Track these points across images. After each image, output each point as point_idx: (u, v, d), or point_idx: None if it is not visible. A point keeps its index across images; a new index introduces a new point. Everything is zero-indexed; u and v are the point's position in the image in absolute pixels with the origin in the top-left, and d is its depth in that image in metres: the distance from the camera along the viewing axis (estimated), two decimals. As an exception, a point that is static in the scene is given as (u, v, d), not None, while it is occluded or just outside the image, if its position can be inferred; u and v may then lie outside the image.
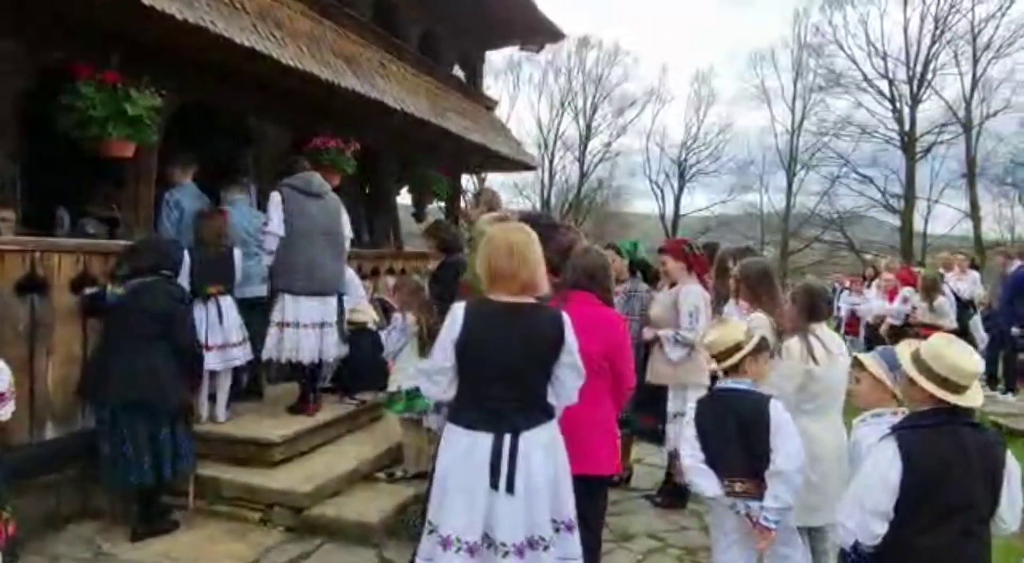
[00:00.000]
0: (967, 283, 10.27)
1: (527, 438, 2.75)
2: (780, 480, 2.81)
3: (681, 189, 37.49)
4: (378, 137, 6.85)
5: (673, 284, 5.09)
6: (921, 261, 21.71)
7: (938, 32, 28.91)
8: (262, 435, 4.66)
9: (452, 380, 2.81)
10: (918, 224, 30.20)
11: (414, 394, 4.73)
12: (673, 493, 5.06)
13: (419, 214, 8.55)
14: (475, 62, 9.23)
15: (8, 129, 4.14)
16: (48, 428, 4.25)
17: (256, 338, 5.40)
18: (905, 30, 29.38)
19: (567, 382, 2.85)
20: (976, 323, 10.06)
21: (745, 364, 2.96)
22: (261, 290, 5.51)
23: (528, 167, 9.49)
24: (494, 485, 2.70)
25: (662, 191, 37.89)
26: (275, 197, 5.26)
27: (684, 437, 3.06)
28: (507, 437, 2.72)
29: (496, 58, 29.08)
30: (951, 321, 8.93)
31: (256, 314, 5.52)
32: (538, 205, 35.02)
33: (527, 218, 4.62)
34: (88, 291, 4.39)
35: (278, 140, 6.13)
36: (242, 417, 5.06)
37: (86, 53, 4.31)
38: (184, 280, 4.42)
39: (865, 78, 30.83)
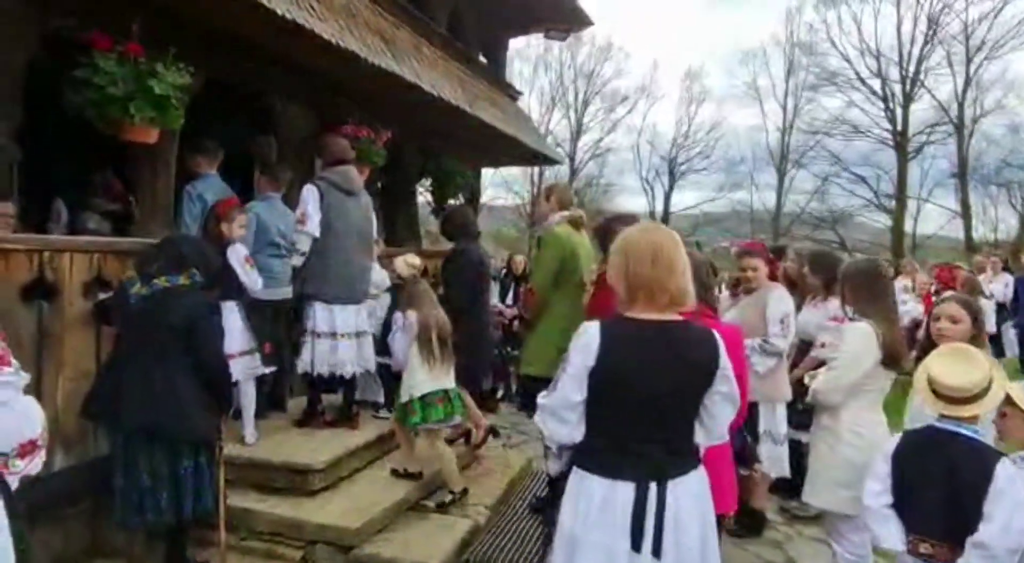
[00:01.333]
0: (1000, 285, 9.96)
1: (675, 487, 2.25)
2: (982, 555, 2.30)
3: (671, 187, 37.29)
4: (404, 126, 6.28)
5: (748, 290, 4.64)
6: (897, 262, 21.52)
7: (931, 32, 28.84)
8: (300, 460, 4.10)
9: (582, 417, 2.31)
10: (907, 224, 30.19)
11: (428, 402, 4.27)
12: (749, 520, 4.60)
13: (439, 209, 8.01)
14: (499, 49, 8.69)
15: (10, 107, 3.54)
16: (58, 456, 3.66)
17: (280, 346, 4.86)
18: (898, 29, 29.36)
19: (719, 416, 2.36)
20: (1007, 326, 9.78)
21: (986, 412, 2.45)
22: (287, 292, 4.96)
23: (553, 161, 8.98)
24: (636, 547, 2.20)
25: (652, 189, 37.68)
26: (312, 192, 4.71)
27: (874, 473, 2.57)
28: (652, 486, 2.22)
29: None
30: (991, 325, 8.60)
31: (280, 319, 4.97)
32: (527, 202, 34.55)
33: (618, 219, 4.13)
34: (102, 295, 3.81)
35: (303, 127, 5.55)
36: (271, 436, 4.50)
37: (101, 20, 3.72)
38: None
39: (858, 77, 30.73)
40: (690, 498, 2.29)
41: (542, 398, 2.41)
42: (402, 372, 4.49)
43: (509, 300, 8.04)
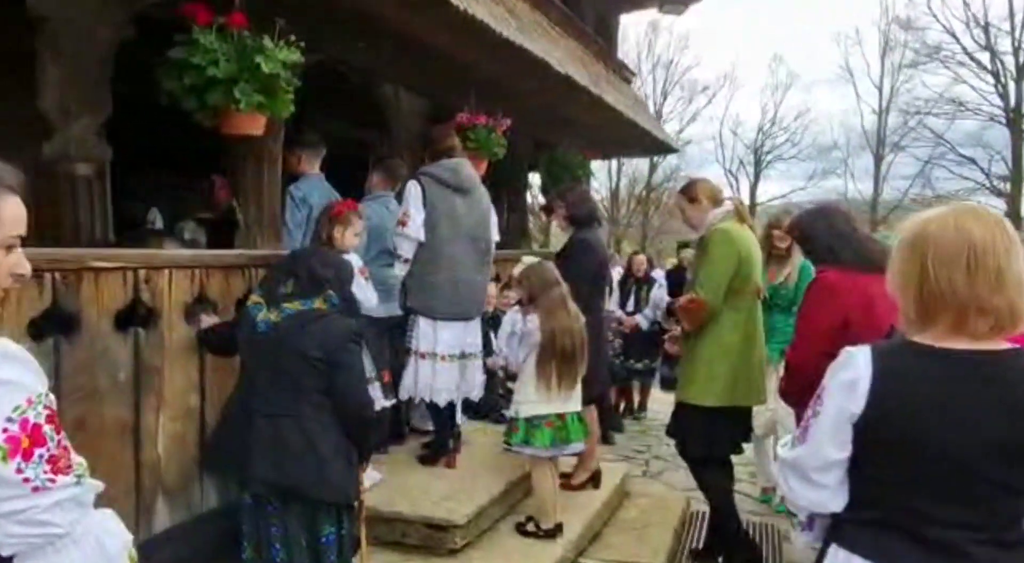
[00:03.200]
0: None
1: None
2: None
3: (757, 176, 35.71)
4: (517, 112, 5.54)
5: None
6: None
7: (1047, -3, 26.48)
8: (439, 514, 3.40)
9: (844, 480, 1.59)
10: (1024, 207, 27.90)
11: (536, 424, 3.55)
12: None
13: (549, 208, 7.26)
14: (611, 26, 7.89)
15: (97, 96, 2.96)
16: (159, 513, 3.08)
17: (396, 370, 4.21)
18: (1009, -4, 27.05)
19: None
20: None
21: None
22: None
23: (671, 149, 8.13)
24: None
25: (736, 179, 36.18)
26: (413, 190, 4.02)
27: None
28: None
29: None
30: None
31: (397, 340, 4.31)
32: (606, 197, 33.62)
33: (824, 211, 3.28)
34: (206, 320, 3.21)
35: (417, 118, 4.90)
36: (394, 477, 3.83)
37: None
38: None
39: (964, 50, 28.58)
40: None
41: (785, 450, 1.72)
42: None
43: (630, 306, 7.21)
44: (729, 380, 3.49)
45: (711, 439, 3.55)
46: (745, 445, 3.85)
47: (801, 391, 3.13)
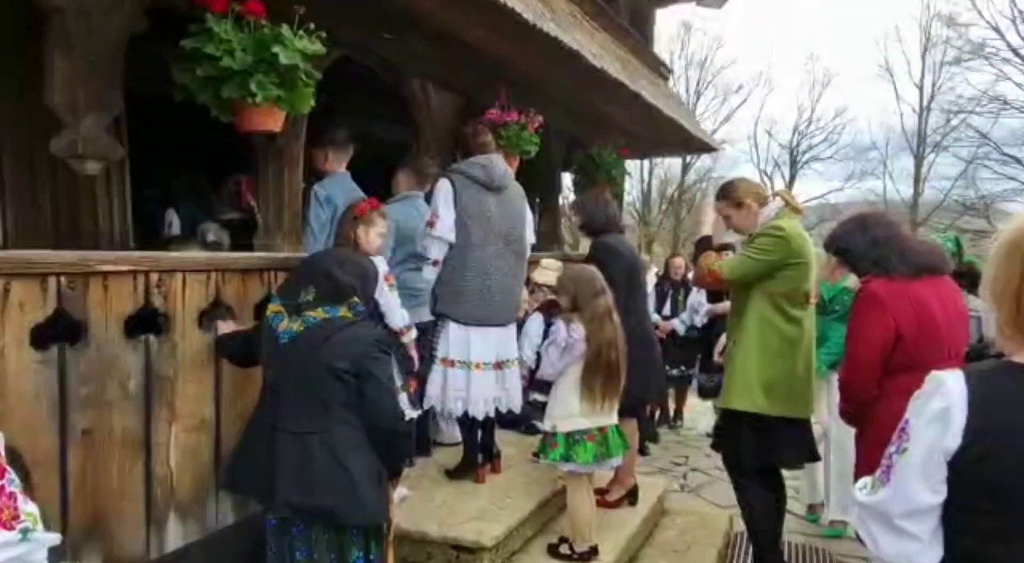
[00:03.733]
0: None
1: None
2: None
3: (792, 177, 35.02)
4: (552, 108, 5.30)
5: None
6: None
7: (1097, -9, 25.52)
8: (467, 536, 3.18)
9: (938, 530, 1.35)
10: (1074, 209, 26.95)
11: (578, 439, 3.31)
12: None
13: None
14: (647, 21, 7.62)
15: (107, 91, 2.80)
16: (171, 530, 2.90)
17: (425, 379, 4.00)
18: (1058, -9, 26.12)
19: None
20: None
21: None
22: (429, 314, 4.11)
23: (710, 148, 7.83)
24: None
25: (771, 180, 35.56)
26: (444, 188, 3.82)
27: None
28: None
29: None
30: None
31: (425, 347, 4.10)
32: (637, 199, 33.20)
33: (861, 222, 3.04)
34: (223, 327, 3.04)
35: (448, 115, 4.70)
36: (421, 492, 3.63)
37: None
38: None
39: (1009, 47, 27.67)
40: None
41: (864, 493, 1.47)
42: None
43: (666, 310, 6.94)
44: (769, 387, 3.24)
45: (754, 451, 3.30)
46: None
47: (857, 410, 2.88)
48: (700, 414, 7.39)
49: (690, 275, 7.48)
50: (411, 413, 3.60)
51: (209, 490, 3.05)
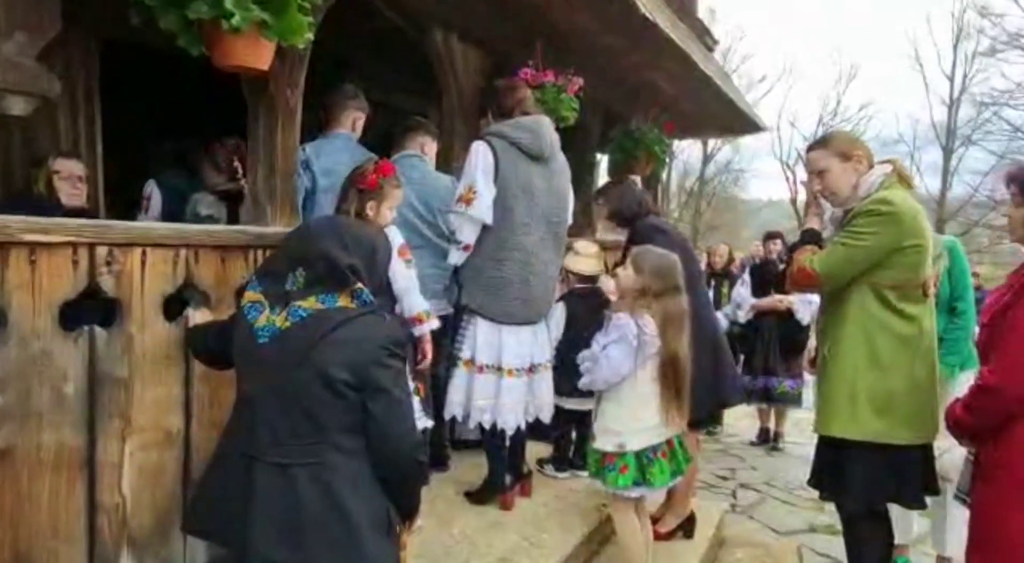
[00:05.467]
0: None
1: None
2: None
3: (816, 170, 34.21)
4: (589, 73, 4.59)
5: None
6: None
7: None
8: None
9: None
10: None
11: (651, 457, 2.69)
12: None
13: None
14: (691, -15, 6.94)
15: (45, 8, 2.16)
16: (122, 574, 2.30)
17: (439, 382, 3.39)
18: (1101, -23, 25.16)
19: None
20: None
21: None
22: (443, 306, 3.48)
23: (758, 128, 7.13)
24: None
25: (794, 173, 34.79)
26: (482, 154, 3.19)
27: None
28: None
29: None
30: None
31: (441, 345, 3.46)
32: (657, 190, 32.42)
33: None
34: (195, 316, 2.41)
35: (469, 70, 4.04)
36: (437, 525, 3.00)
37: None
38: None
39: (1047, 37, 26.76)
40: None
41: None
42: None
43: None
44: (881, 407, 2.54)
45: (866, 488, 2.59)
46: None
47: (991, 421, 2.21)
48: (741, 419, 6.73)
49: (734, 266, 6.84)
50: (425, 422, 2.97)
51: (175, 522, 2.43)
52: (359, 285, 1.89)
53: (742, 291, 6.09)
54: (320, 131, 3.53)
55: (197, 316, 2.42)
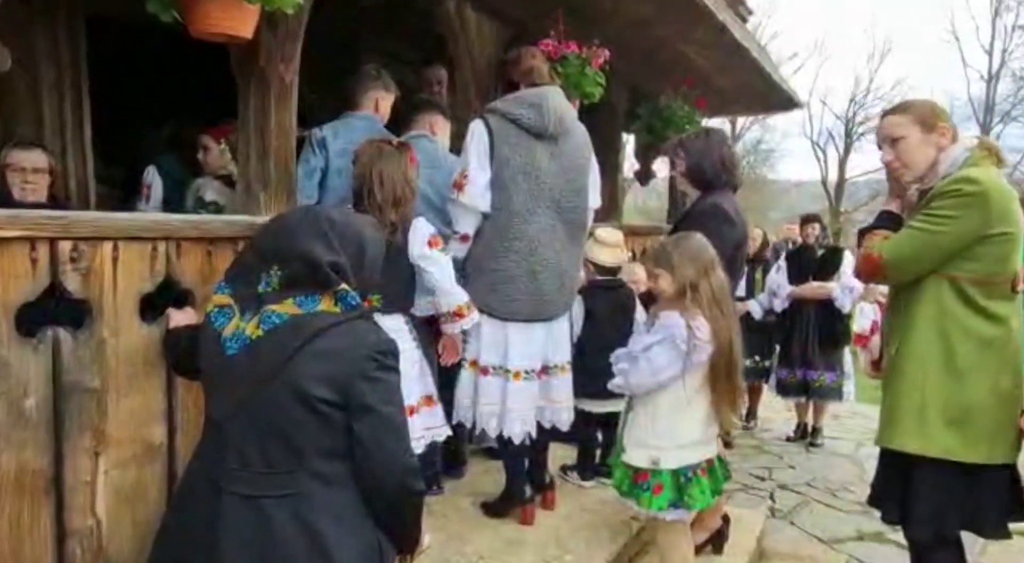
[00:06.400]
0: None
1: None
2: None
3: (847, 149, 33.41)
4: (615, 46, 4.24)
5: None
6: None
7: None
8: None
9: None
10: None
11: (690, 476, 2.41)
12: None
13: (646, 173, 6.01)
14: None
15: (61, 16, 1.90)
16: (96, 607, 2.07)
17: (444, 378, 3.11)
18: None
19: None
20: None
21: None
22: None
23: (794, 105, 6.73)
24: None
25: (824, 152, 34.03)
26: (477, 134, 2.90)
27: None
28: None
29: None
30: None
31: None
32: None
33: None
34: (176, 317, 2.16)
35: (484, 41, 3.74)
36: (449, 542, 2.74)
37: None
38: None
39: (1090, 7, 25.82)
40: None
41: None
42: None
43: (740, 290, 5.91)
44: (958, 419, 2.21)
45: (938, 512, 2.26)
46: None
47: None
48: (777, 413, 6.40)
49: (768, 252, 6.47)
50: (446, 429, 2.71)
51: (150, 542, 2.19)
52: (344, 286, 1.62)
53: (778, 278, 5.73)
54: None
55: (178, 316, 2.17)
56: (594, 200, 3.25)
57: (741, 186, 3.45)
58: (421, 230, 2.61)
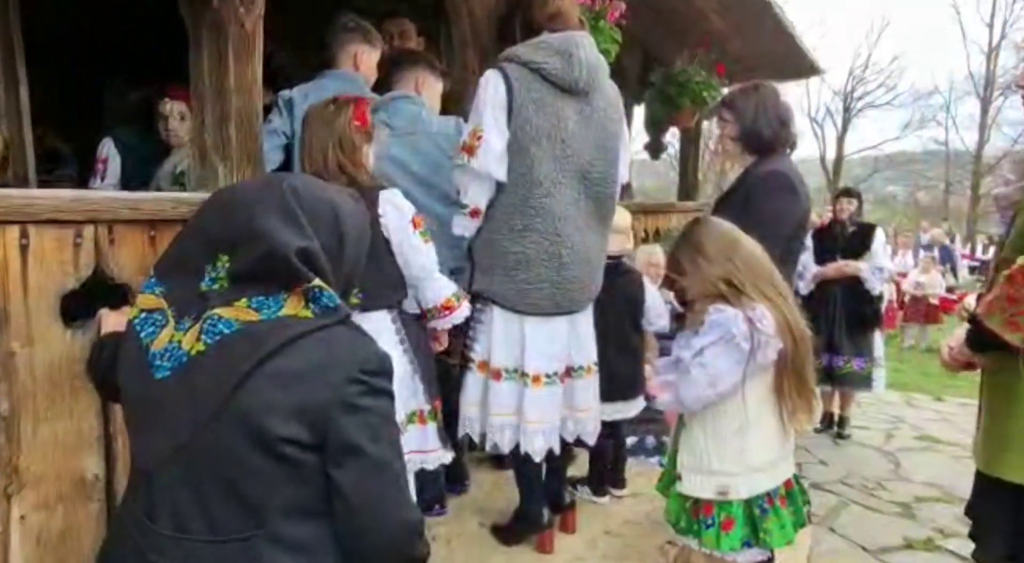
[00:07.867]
0: None
1: None
2: None
3: (845, 125, 33.07)
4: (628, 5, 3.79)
5: None
6: None
7: None
8: None
9: None
10: None
11: (765, 508, 2.03)
12: None
13: (657, 146, 5.56)
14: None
15: None
16: None
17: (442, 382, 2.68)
18: None
19: None
20: None
21: None
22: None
23: (815, 71, 6.28)
24: None
25: (822, 128, 33.69)
26: (493, 86, 2.41)
27: None
28: None
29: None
30: None
31: (454, 342, 2.74)
32: (678, 149, 31.49)
33: None
34: (110, 318, 1.71)
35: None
36: (459, 561, 2.33)
37: None
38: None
39: (1097, -23, 25.43)
40: None
41: None
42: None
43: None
44: None
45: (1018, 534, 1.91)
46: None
47: None
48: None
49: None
50: (447, 454, 2.28)
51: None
52: (317, 281, 1.17)
53: (805, 257, 5.30)
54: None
55: (113, 319, 1.71)
56: (624, 173, 2.78)
57: (795, 148, 2.99)
58: (401, 206, 2.15)
